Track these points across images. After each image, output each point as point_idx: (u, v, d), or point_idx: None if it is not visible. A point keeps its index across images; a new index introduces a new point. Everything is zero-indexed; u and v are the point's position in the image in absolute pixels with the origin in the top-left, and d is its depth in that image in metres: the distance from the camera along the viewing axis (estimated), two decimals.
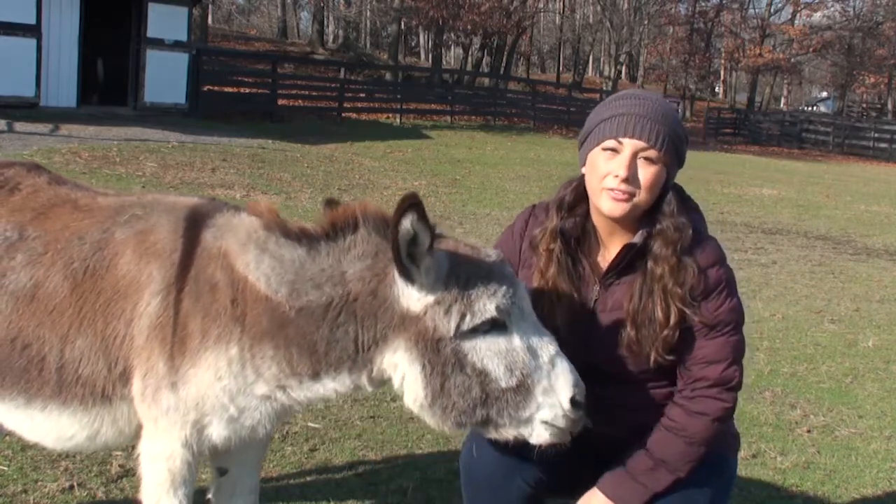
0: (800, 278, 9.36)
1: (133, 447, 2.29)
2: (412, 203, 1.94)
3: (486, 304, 2.01)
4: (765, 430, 4.69)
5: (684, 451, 2.29)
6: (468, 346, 2.02)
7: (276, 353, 2.08)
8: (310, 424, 4.17)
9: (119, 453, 3.55)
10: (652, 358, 2.29)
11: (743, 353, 2.35)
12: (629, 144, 2.23)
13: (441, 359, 2.02)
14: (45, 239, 2.25)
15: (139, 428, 2.22)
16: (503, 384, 2.02)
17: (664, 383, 2.40)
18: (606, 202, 2.27)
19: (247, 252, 2.11)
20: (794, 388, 5.47)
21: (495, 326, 2.03)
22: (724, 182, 19.85)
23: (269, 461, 3.67)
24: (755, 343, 6.32)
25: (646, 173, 2.24)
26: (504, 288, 2.04)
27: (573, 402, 2.04)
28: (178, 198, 2.37)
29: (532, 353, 2.05)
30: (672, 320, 2.25)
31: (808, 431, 4.73)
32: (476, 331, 2.01)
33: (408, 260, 1.99)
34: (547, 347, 2.08)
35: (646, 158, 2.24)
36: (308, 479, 3.64)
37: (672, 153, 2.27)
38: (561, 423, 2.05)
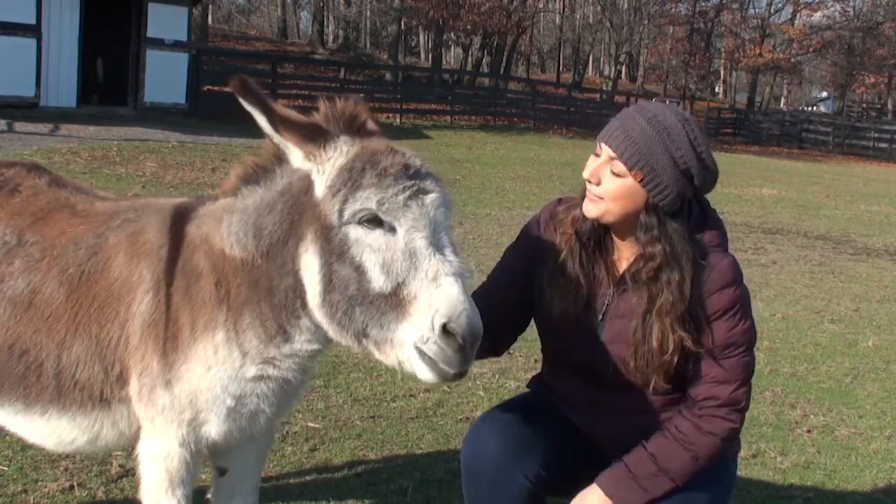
0: (800, 278, 9.36)
1: (133, 447, 2.29)
2: (232, 84, 2.01)
3: (370, 195, 1.91)
4: (765, 430, 4.69)
5: (689, 464, 2.31)
6: (352, 237, 1.93)
7: (252, 316, 2.09)
8: (310, 424, 4.17)
9: (119, 453, 3.54)
10: (652, 384, 2.32)
11: (752, 373, 2.37)
12: (605, 150, 2.28)
13: (330, 248, 1.95)
14: (43, 245, 2.25)
15: (140, 429, 2.22)
16: (376, 286, 1.89)
17: (663, 390, 2.39)
18: (585, 202, 2.32)
19: (220, 224, 2.14)
20: (794, 388, 5.47)
21: (382, 224, 1.91)
22: (724, 182, 19.68)
23: (269, 461, 3.67)
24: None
25: (608, 183, 2.26)
26: (400, 187, 1.92)
27: (444, 329, 1.81)
28: (168, 199, 2.39)
29: (415, 262, 1.87)
30: (669, 348, 2.26)
31: (808, 431, 4.73)
32: (361, 222, 1.92)
33: (279, 137, 2.03)
34: (437, 264, 1.87)
35: (614, 170, 2.25)
36: (308, 479, 3.63)
37: (648, 177, 2.22)
38: (431, 350, 1.83)
